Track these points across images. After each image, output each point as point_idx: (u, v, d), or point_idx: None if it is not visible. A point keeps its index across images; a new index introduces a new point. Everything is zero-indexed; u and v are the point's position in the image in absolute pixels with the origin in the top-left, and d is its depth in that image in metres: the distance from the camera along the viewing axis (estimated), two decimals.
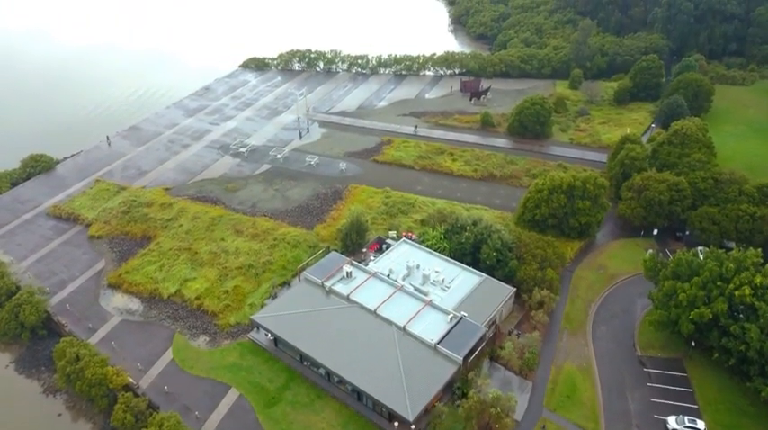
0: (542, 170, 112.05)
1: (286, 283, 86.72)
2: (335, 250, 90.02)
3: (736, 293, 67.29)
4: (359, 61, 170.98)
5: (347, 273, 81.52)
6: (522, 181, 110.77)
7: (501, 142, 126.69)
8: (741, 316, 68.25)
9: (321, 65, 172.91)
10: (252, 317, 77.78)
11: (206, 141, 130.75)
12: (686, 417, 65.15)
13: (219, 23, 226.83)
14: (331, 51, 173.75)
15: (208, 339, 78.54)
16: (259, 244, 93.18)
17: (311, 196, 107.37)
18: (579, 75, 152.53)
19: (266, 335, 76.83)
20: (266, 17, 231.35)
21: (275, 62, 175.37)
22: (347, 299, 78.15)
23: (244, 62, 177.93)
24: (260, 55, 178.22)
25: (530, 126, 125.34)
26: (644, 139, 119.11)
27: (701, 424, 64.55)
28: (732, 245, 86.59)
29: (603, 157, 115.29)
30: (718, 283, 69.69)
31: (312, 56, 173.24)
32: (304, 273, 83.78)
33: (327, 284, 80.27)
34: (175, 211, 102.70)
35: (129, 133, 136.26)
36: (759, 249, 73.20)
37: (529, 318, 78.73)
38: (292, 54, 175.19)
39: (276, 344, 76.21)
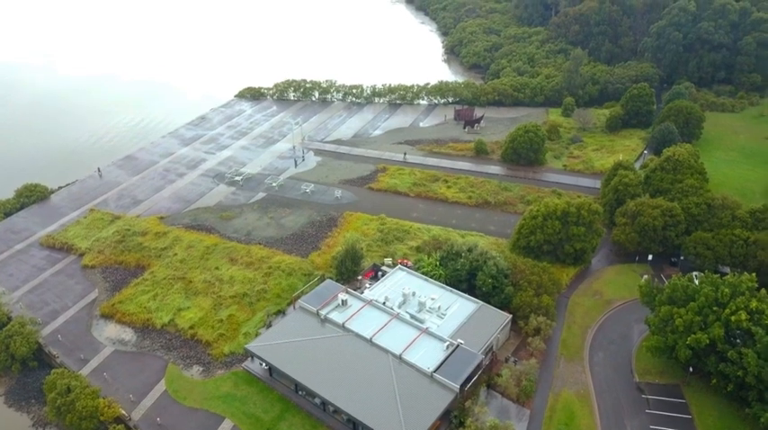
0: (536, 197, 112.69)
1: (281, 312, 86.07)
2: (330, 278, 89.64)
3: (733, 318, 67.07)
4: (354, 91, 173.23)
5: (342, 301, 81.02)
6: (516, 207, 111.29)
7: (495, 169, 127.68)
8: (738, 341, 67.93)
9: (316, 94, 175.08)
10: (246, 346, 76.85)
11: (201, 170, 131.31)
12: None
13: (215, 55, 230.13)
14: (326, 81, 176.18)
15: (201, 369, 77.45)
16: (254, 272, 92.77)
17: (306, 224, 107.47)
18: (571, 102, 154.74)
19: (261, 364, 75.91)
20: (262, 48, 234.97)
21: (271, 92, 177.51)
22: (342, 327, 77.50)
23: (240, 92, 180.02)
24: (255, 85, 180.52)
25: (523, 153, 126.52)
26: (637, 166, 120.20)
27: None
28: (727, 270, 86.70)
29: (597, 184, 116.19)
30: (714, 308, 69.50)
31: (307, 85, 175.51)
32: (299, 301, 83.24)
33: (323, 313, 79.70)
34: (170, 240, 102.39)
35: (125, 162, 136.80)
36: (754, 274, 73.27)
37: (525, 345, 78.17)
38: (288, 84, 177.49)
39: (271, 373, 75.19)
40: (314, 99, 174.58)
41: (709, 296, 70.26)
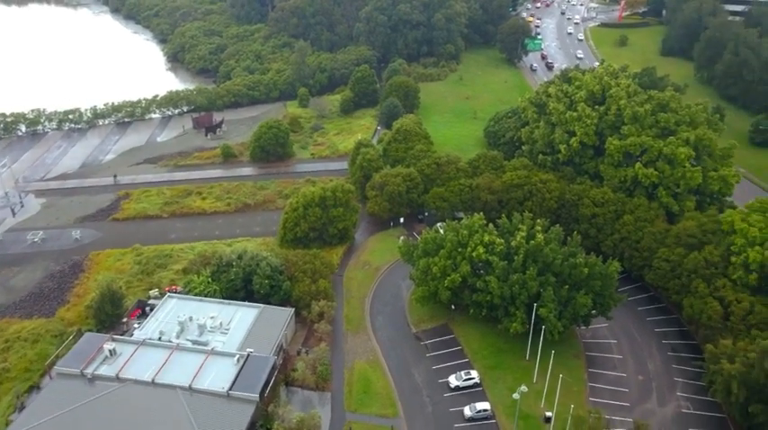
0: (293, 189, 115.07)
1: (34, 387, 73.15)
2: (90, 330, 79.20)
3: (474, 254, 78.53)
4: (70, 116, 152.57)
5: (110, 351, 72.40)
6: (276, 203, 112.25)
7: (247, 171, 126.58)
8: (482, 272, 79.84)
9: (23, 128, 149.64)
10: None
11: None
12: (462, 372, 73.97)
13: None
14: (32, 111, 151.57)
15: None
16: None
17: (44, 278, 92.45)
18: (305, 93, 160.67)
19: None
20: None
21: None
22: (117, 379, 69.51)
23: None
24: None
25: (271, 149, 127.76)
26: (374, 141, 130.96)
27: (474, 373, 73.86)
28: (461, 214, 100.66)
29: (344, 165, 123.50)
30: (459, 250, 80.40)
31: (8, 119, 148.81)
32: (55, 367, 71.91)
33: (88, 371, 70.21)
34: None
35: None
36: (481, 213, 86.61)
37: (313, 333, 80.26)
38: None
39: None
40: (20, 133, 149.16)
41: (453, 241, 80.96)
